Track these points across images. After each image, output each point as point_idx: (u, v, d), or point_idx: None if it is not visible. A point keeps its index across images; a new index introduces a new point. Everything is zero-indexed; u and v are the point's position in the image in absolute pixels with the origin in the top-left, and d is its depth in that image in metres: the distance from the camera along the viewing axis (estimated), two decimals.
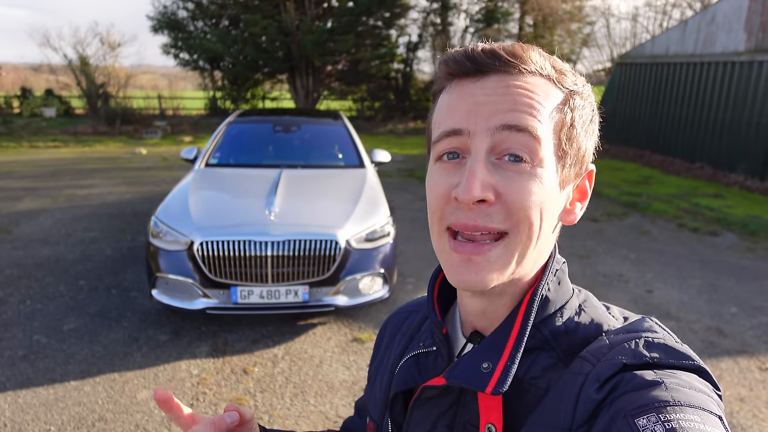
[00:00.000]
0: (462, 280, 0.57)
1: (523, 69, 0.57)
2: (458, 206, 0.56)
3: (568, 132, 0.59)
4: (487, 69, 0.57)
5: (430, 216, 0.61)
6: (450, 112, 0.58)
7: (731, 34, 10.45)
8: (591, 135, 0.62)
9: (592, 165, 0.65)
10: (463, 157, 0.57)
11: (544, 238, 0.59)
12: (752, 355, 3.76)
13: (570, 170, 0.60)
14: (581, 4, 19.31)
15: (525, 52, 0.58)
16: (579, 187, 0.64)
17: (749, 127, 9.99)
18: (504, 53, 0.57)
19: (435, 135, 0.60)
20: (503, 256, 0.56)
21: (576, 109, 0.60)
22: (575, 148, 0.60)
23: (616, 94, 14.23)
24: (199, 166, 5.03)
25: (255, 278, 3.67)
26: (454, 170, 0.57)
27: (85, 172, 10.28)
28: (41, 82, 22.54)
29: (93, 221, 6.79)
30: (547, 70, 0.58)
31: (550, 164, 0.57)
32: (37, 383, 3.29)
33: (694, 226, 7.06)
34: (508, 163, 0.56)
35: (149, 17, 17.94)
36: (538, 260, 0.61)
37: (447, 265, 0.59)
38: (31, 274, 5.00)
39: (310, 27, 15.88)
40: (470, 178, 0.54)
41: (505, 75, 0.57)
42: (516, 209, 0.55)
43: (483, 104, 0.56)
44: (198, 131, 16.96)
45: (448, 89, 0.61)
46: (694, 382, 0.51)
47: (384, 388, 0.76)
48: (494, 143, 0.56)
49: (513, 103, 0.56)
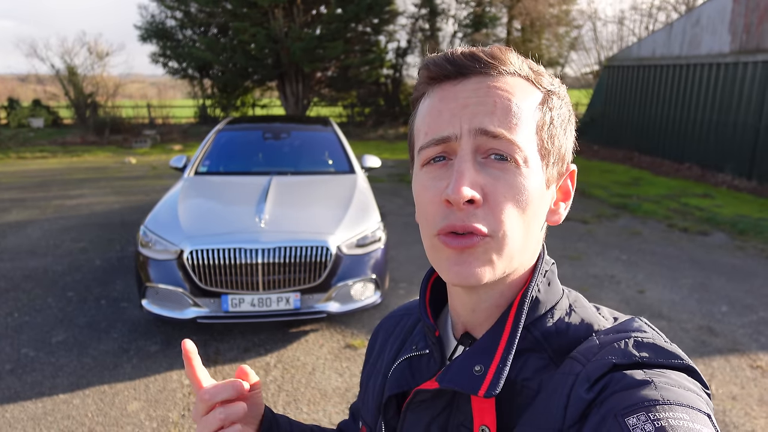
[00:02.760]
0: (456, 272, 0.57)
1: (502, 70, 0.58)
2: (450, 210, 0.56)
3: (549, 131, 0.60)
4: (467, 71, 0.58)
5: (420, 219, 0.61)
6: (434, 117, 0.59)
7: (716, 35, 10.58)
8: (569, 134, 0.64)
9: (573, 165, 0.66)
10: (449, 158, 0.58)
11: (532, 237, 0.60)
12: (743, 353, 3.77)
13: (553, 169, 0.61)
14: (568, 9, 19.47)
15: (503, 53, 0.59)
16: (562, 187, 0.65)
17: (735, 128, 10.10)
18: (483, 55, 0.58)
19: (422, 141, 0.60)
20: (493, 250, 0.57)
21: (554, 108, 0.61)
22: (556, 146, 0.61)
23: (604, 97, 14.35)
24: (189, 175, 5.00)
25: (246, 286, 3.64)
26: (442, 172, 0.58)
27: (74, 183, 10.20)
28: (28, 93, 22.37)
29: (82, 232, 6.72)
30: (525, 71, 0.60)
31: (534, 163, 0.58)
32: (25, 397, 3.23)
33: (684, 226, 7.11)
34: (494, 162, 0.57)
35: (137, 27, 17.88)
36: (527, 259, 0.62)
37: (440, 262, 0.59)
38: (19, 286, 4.93)
39: (299, 34, 15.89)
40: (459, 178, 0.55)
41: (485, 77, 0.58)
42: (502, 209, 0.56)
43: (465, 106, 0.57)
44: (188, 139, 16.88)
45: (429, 94, 0.61)
46: (684, 381, 0.51)
47: (377, 391, 0.76)
48: (477, 145, 0.57)
49: (493, 105, 0.57)
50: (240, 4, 15.67)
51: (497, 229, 0.56)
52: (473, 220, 0.55)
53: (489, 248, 0.57)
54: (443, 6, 20.03)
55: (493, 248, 0.57)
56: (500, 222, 0.56)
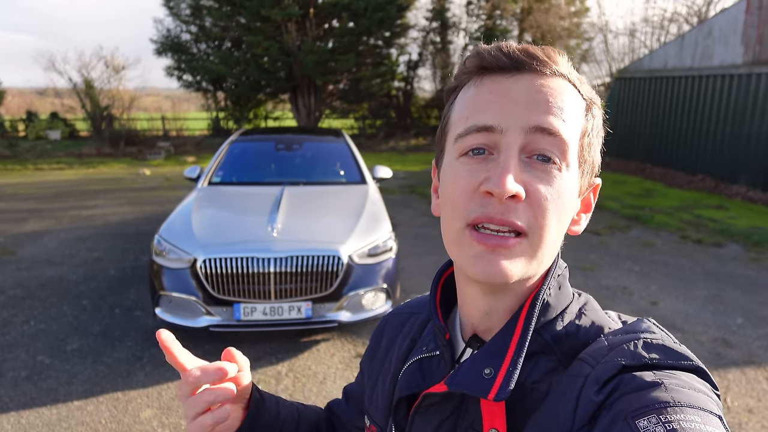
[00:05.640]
0: (485, 270, 0.56)
1: (555, 71, 0.58)
2: (488, 200, 0.55)
3: (588, 139, 0.60)
4: (522, 66, 0.57)
5: (449, 210, 0.60)
6: (480, 107, 0.58)
7: (728, 47, 10.53)
8: (599, 146, 0.64)
9: (598, 179, 0.66)
10: (489, 153, 0.57)
11: (557, 241, 0.60)
12: (759, 366, 3.72)
13: (585, 178, 0.61)
14: (579, 21, 19.52)
15: (557, 54, 0.59)
16: (585, 199, 0.65)
17: (750, 139, 10.01)
18: (539, 53, 0.58)
19: (461, 128, 0.59)
20: (525, 252, 0.56)
21: (595, 117, 0.61)
22: (592, 156, 0.61)
23: (616, 109, 14.31)
24: (202, 185, 5.07)
25: (258, 295, 3.67)
26: (481, 165, 0.57)
27: (89, 194, 10.35)
28: (46, 106, 22.79)
29: (96, 242, 6.82)
30: (573, 77, 0.60)
31: (574, 169, 0.58)
32: (41, 404, 3.28)
33: (697, 237, 7.04)
34: (537, 163, 0.56)
35: (153, 41, 18.19)
36: (547, 262, 0.61)
37: (467, 258, 0.58)
38: (35, 294, 5.01)
39: (312, 47, 16.08)
40: (504, 173, 0.54)
41: (539, 75, 0.57)
42: (541, 209, 0.56)
43: (517, 102, 0.56)
44: (201, 151, 17.08)
45: (476, 83, 0.60)
46: (694, 382, 0.51)
47: (387, 392, 0.75)
48: (526, 142, 0.56)
49: (547, 104, 0.56)
50: (254, 18, 15.91)
51: (535, 227, 0.56)
52: (513, 216, 0.55)
53: (523, 248, 0.56)
54: (454, 19, 20.21)
55: (526, 249, 0.56)
56: (539, 221, 0.56)
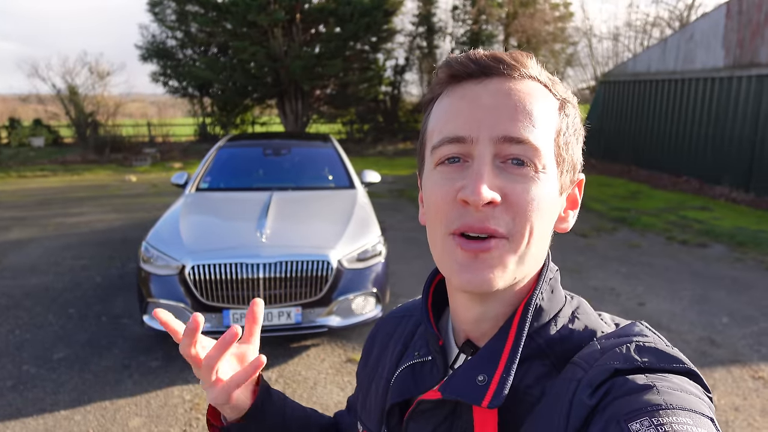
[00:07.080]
0: (469, 280, 0.56)
1: (524, 73, 0.59)
2: (466, 209, 0.56)
3: (564, 138, 0.61)
4: (490, 71, 0.58)
5: (432, 219, 0.60)
6: (452, 116, 0.59)
7: (710, 51, 10.72)
8: (580, 143, 0.64)
9: (581, 174, 0.66)
10: (464, 161, 0.58)
11: (542, 243, 0.60)
12: (745, 364, 3.77)
13: (566, 176, 0.61)
14: (563, 26, 19.73)
15: (525, 58, 0.60)
16: (570, 195, 0.65)
17: (732, 141, 10.18)
18: (506, 58, 0.59)
19: (436, 139, 0.60)
20: (506, 255, 0.57)
21: (570, 116, 0.62)
22: (570, 154, 0.62)
23: (601, 112, 14.47)
24: (190, 191, 5.03)
25: (247, 301, 3.65)
26: (457, 173, 0.57)
27: (74, 201, 10.23)
28: (29, 112, 22.47)
29: (82, 249, 6.73)
30: (543, 77, 0.61)
31: (551, 170, 0.59)
32: (27, 413, 3.22)
33: (683, 238, 7.13)
34: (512, 167, 0.57)
35: (138, 46, 18.07)
36: (535, 266, 0.61)
37: (452, 266, 0.58)
38: (20, 303, 4.93)
39: (299, 52, 16.06)
40: (478, 180, 0.54)
41: (507, 79, 0.58)
42: (520, 212, 0.56)
43: (486, 109, 0.57)
44: (188, 157, 16.96)
45: (448, 93, 0.61)
46: (686, 385, 0.51)
47: (380, 398, 0.74)
48: (498, 150, 0.57)
49: (515, 110, 0.57)
50: (240, 23, 15.86)
51: (514, 230, 0.56)
52: (491, 222, 0.55)
53: (504, 252, 0.56)
54: (440, 24, 20.32)
55: (508, 251, 0.56)
56: (518, 224, 0.56)
